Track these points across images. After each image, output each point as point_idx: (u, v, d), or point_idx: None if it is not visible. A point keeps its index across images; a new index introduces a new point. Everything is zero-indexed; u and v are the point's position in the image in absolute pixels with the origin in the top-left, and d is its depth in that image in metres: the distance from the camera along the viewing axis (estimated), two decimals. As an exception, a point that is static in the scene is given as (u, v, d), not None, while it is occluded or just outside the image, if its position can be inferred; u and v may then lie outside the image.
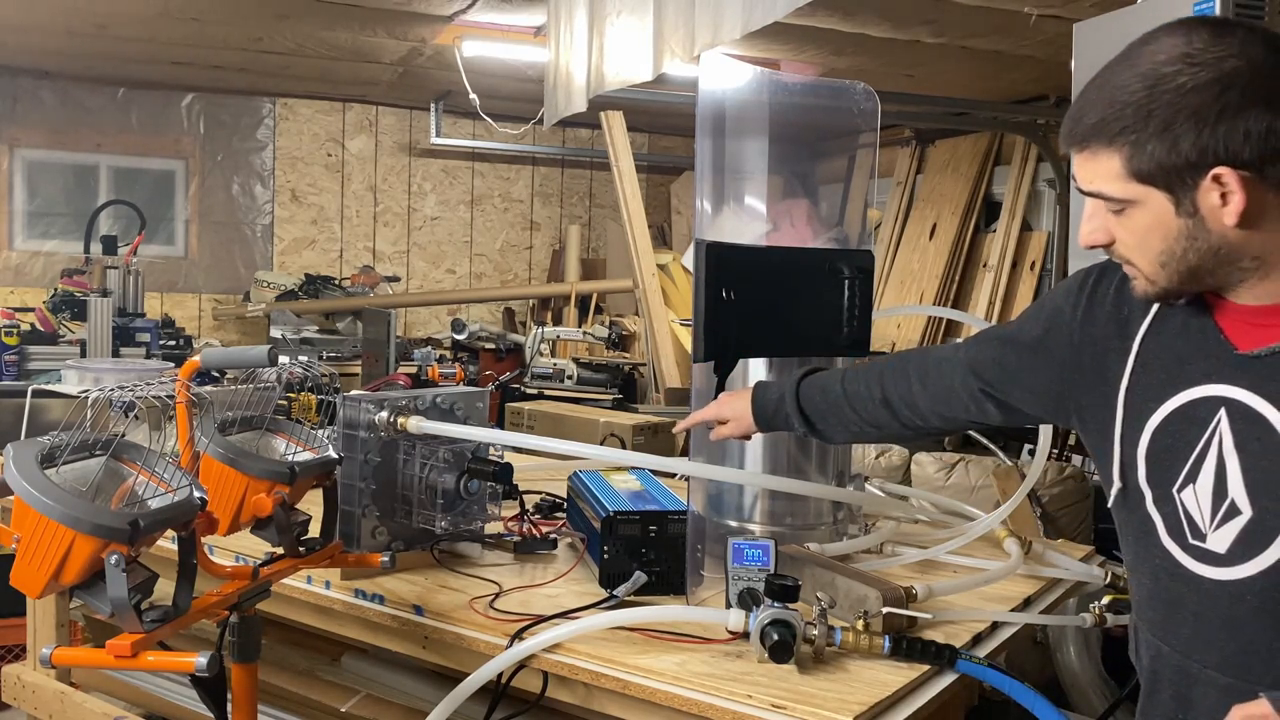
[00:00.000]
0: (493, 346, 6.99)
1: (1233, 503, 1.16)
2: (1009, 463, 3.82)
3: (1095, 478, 4.22)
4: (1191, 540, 1.20)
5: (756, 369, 2.14)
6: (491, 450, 2.12)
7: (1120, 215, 1.16)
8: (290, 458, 1.70)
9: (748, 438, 1.88)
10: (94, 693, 2.44)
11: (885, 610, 1.66)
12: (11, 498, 1.31)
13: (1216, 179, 1.09)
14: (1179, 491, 1.21)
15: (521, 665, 1.66)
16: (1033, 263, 6.34)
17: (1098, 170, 1.15)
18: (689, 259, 5.90)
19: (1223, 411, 1.17)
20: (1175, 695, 1.25)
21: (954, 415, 1.57)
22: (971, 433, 3.53)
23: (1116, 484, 1.28)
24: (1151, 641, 1.28)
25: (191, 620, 1.46)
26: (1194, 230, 1.12)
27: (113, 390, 1.52)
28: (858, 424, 1.68)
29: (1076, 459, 4.43)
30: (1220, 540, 1.17)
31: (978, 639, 1.75)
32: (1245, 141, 1.07)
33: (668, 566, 1.87)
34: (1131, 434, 1.26)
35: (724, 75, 2.10)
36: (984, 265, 6.52)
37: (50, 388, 3.98)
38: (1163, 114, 1.09)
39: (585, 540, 2.06)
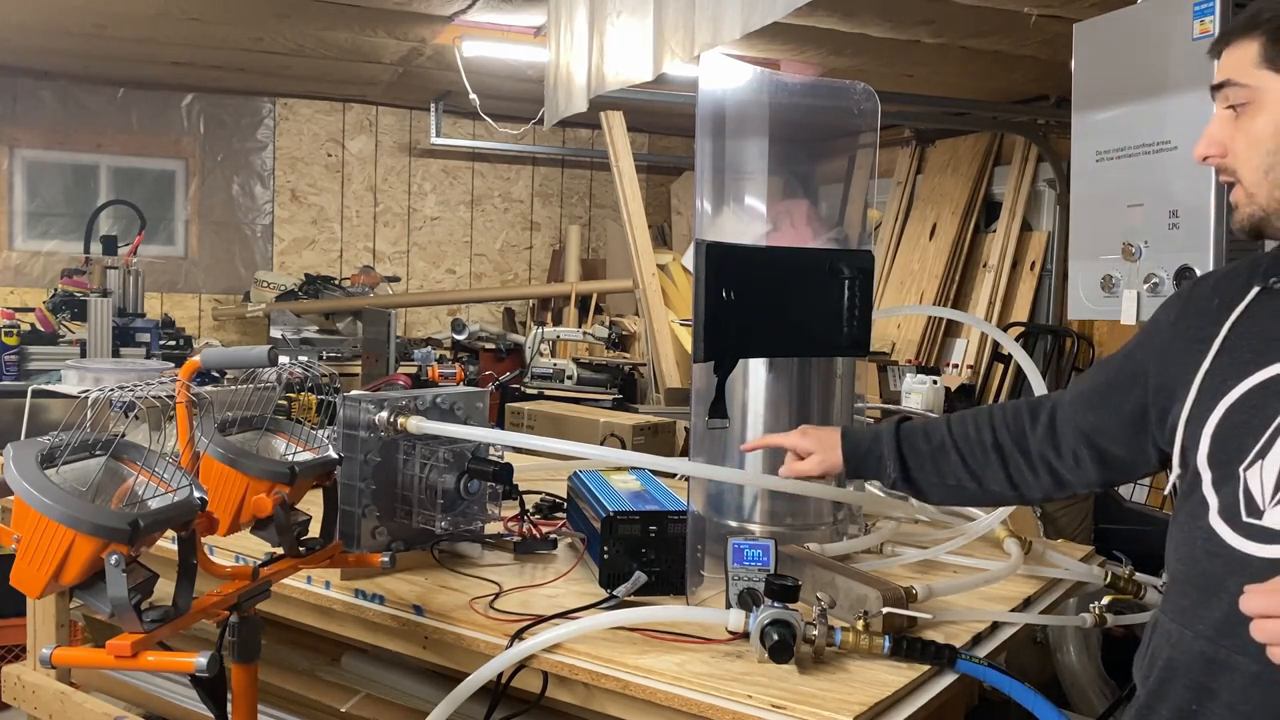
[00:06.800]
0: (493, 346, 6.99)
1: None
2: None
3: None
4: (1245, 518, 1.15)
5: (756, 369, 2.14)
6: (491, 450, 2.12)
7: (1240, 114, 1.22)
8: (290, 458, 1.70)
9: (824, 478, 1.71)
10: (94, 693, 2.44)
11: (885, 610, 1.66)
12: (11, 498, 1.31)
13: None
14: (1245, 469, 1.16)
15: (521, 665, 1.66)
16: (1033, 263, 6.35)
17: (1233, 59, 1.22)
18: (689, 259, 5.89)
19: None
20: (1192, 685, 1.18)
21: (1058, 467, 1.49)
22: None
23: (1176, 470, 1.25)
24: (1174, 630, 1.22)
25: (191, 620, 1.46)
26: None
27: (113, 390, 1.51)
28: (958, 475, 1.57)
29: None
30: (1278, 517, 1.12)
31: (978, 639, 1.75)
32: None
33: (668, 566, 1.87)
34: (1200, 414, 1.22)
35: (724, 75, 2.10)
36: (984, 265, 6.53)
37: (50, 388, 3.98)
38: None
39: (585, 540, 2.05)
